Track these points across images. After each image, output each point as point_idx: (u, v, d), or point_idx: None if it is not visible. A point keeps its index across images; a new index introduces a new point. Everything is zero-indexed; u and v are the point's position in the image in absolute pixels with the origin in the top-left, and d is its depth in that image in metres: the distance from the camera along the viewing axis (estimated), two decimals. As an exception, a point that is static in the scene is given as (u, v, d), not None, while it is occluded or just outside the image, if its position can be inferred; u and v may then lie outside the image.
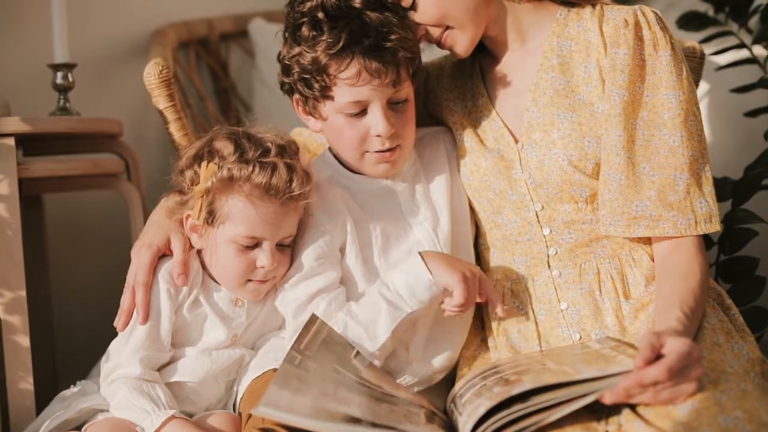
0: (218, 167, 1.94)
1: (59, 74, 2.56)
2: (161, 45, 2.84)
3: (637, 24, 2.00)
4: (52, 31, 2.55)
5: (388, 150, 2.04)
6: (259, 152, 1.96)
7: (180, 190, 2.03)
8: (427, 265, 1.95)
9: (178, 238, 2.01)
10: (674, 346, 1.63)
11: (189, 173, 1.99)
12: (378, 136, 2.02)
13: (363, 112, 2.02)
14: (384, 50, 1.97)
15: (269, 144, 1.98)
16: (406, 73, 2.03)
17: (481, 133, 2.16)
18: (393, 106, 2.03)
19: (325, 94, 2.02)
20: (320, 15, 1.99)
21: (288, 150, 2.01)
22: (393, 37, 1.98)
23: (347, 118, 2.03)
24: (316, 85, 2.02)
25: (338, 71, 1.98)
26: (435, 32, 2.07)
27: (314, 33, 1.99)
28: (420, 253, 1.98)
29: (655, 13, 2.02)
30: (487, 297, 2.01)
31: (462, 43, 2.08)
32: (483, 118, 2.16)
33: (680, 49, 2.02)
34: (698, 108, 2.00)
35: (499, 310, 2.01)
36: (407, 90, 2.05)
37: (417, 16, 2.04)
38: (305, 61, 2.00)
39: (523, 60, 2.14)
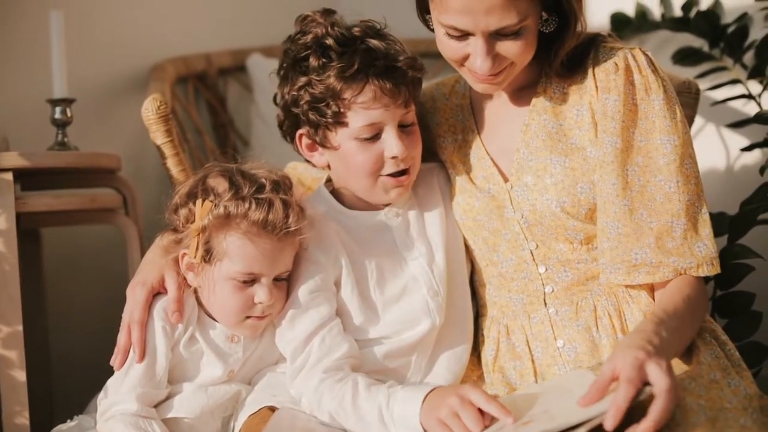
0: (214, 205, 1.94)
1: (58, 109, 2.57)
2: (160, 80, 2.85)
3: (627, 68, 1.99)
4: (50, 66, 2.56)
5: (402, 174, 2.06)
6: (254, 188, 1.96)
7: (174, 228, 2.03)
8: (421, 412, 1.84)
9: (172, 276, 2.01)
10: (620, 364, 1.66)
11: (183, 211, 1.99)
12: (393, 157, 2.03)
13: (377, 136, 2.03)
14: (396, 71, 2.00)
15: (263, 180, 1.99)
16: (413, 94, 2.06)
17: (470, 171, 2.16)
18: (403, 128, 2.05)
19: (339, 120, 2.03)
20: (329, 42, 2.01)
21: (282, 185, 2.01)
22: (402, 57, 2.02)
23: (361, 143, 2.03)
24: (329, 112, 2.02)
25: (353, 95, 1.99)
26: (500, 65, 1.96)
27: (323, 60, 2.01)
28: (429, 391, 1.87)
29: (646, 56, 2.01)
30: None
31: (506, 81, 2.03)
32: (472, 154, 2.16)
33: (673, 90, 2.01)
34: (693, 149, 1.99)
35: (503, 418, 1.74)
36: (413, 113, 2.08)
37: (510, 50, 1.94)
38: (316, 89, 2.01)
39: (515, 97, 2.13)
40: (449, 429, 1.77)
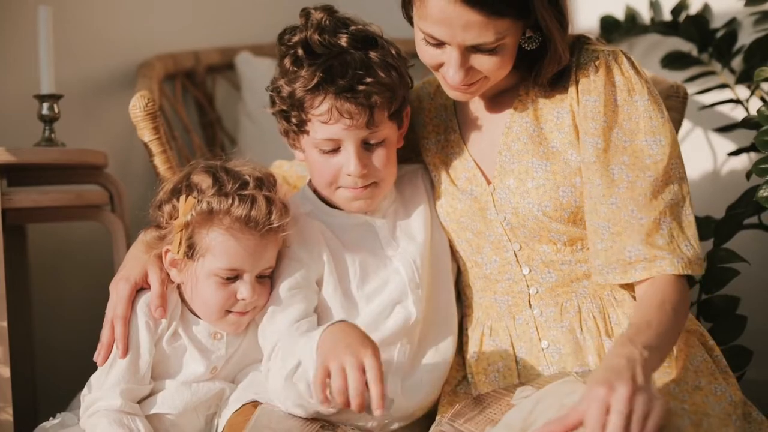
0: (197, 201, 1.94)
1: (45, 105, 2.56)
2: (147, 77, 2.85)
3: (608, 69, 1.97)
4: (38, 62, 2.55)
5: (362, 187, 2.05)
6: (237, 185, 1.97)
7: (158, 224, 2.03)
8: (320, 339, 1.82)
9: (156, 272, 2.01)
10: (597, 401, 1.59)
11: (167, 207, 2.00)
12: (349, 175, 2.02)
13: (337, 149, 2.02)
14: (357, 92, 1.96)
15: (247, 177, 1.99)
16: (382, 115, 2.02)
17: (452, 172, 2.15)
18: (368, 146, 2.04)
19: (302, 128, 2.04)
20: (300, 51, 2.00)
21: (266, 182, 2.02)
22: (368, 80, 1.97)
23: (321, 154, 2.04)
24: (293, 119, 2.03)
25: (311, 108, 1.99)
26: (474, 77, 1.97)
27: (295, 68, 2.00)
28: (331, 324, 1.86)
29: (628, 58, 1.99)
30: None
31: (480, 91, 2.03)
32: (454, 155, 2.16)
33: (655, 91, 1.99)
34: (679, 149, 1.97)
35: (376, 413, 1.70)
36: (385, 131, 2.04)
37: (485, 65, 1.94)
38: (284, 94, 2.02)
39: (497, 99, 2.13)
40: (326, 378, 1.73)
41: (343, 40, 2.00)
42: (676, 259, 1.88)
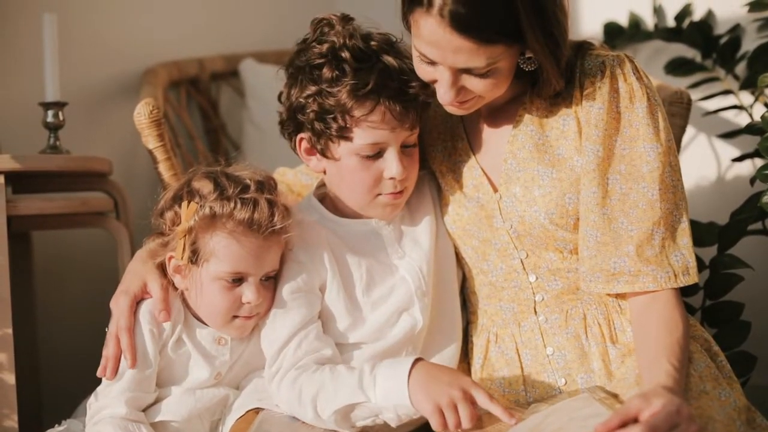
0: (199, 206, 1.95)
1: (50, 112, 2.57)
2: (152, 84, 2.85)
3: (612, 76, 1.97)
4: (43, 70, 2.56)
5: (399, 192, 2.06)
6: (239, 189, 1.97)
7: (160, 232, 2.03)
8: (409, 384, 1.84)
9: (155, 279, 2.02)
10: (661, 405, 1.62)
11: (169, 214, 2.00)
12: (391, 178, 2.03)
13: (378, 154, 2.03)
14: (407, 95, 1.99)
15: (248, 180, 2.00)
16: (419, 117, 2.05)
17: (460, 180, 2.15)
18: (404, 149, 2.05)
19: (343, 134, 2.02)
20: (345, 55, 1.98)
21: (267, 185, 2.02)
22: (414, 83, 2.00)
23: (362, 159, 2.03)
24: (335, 125, 2.01)
25: (362, 114, 1.98)
26: (466, 96, 1.96)
27: (337, 73, 1.99)
28: (412, 364, 1.86)
29: (632, 62, 1.99)
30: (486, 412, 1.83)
31: (475, 107, 2.03)
32: (462, 162, 2.16)
33: (657, 97, 1.99)
34: (676, 156, 1.98)
35: (506, 420, 1.77)
36: (417, 133, 2.08)
37: (477, 87, 1.94)
38: (326, 101, 1.99)
39: (503, 108, 2.12)
40: (442, 417, 1.80)
41: (374, 44, 2.02)
42: (660, 274, 1.91)
